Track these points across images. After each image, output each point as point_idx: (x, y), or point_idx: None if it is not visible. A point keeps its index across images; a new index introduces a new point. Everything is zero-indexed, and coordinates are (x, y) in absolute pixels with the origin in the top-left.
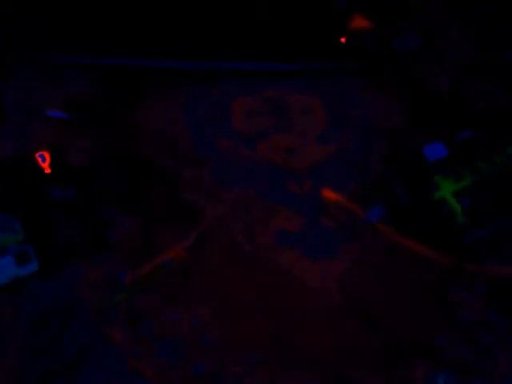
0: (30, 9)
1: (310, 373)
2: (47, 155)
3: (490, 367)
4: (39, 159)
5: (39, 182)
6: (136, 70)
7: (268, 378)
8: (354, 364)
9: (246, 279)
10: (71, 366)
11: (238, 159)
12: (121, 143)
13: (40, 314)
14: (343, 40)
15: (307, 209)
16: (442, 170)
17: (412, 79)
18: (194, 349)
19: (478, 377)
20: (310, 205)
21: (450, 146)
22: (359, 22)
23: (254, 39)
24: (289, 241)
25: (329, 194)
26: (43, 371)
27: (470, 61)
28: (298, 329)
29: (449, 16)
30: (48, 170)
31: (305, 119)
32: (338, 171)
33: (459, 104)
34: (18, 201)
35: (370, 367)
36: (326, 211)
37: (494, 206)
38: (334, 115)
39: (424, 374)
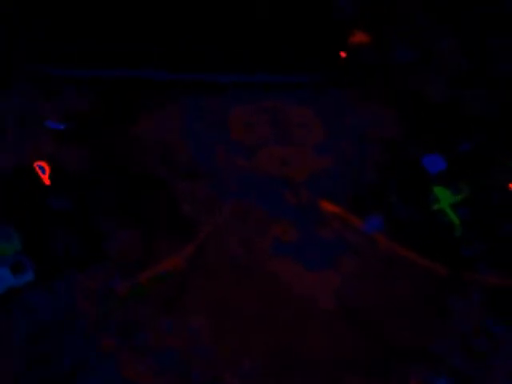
0: (28, 21)
1: (309, 381)
2: (46, 166)
3: (485, 374)
4: (38, 170)
5: (38, 193)
6: (134, 82)
7: None
8: (353, 372)
9: (243, 290)
10: (67, 377)
11: (236, 170)
12: (119, 155)
13: (35, 326)
14: (343, 54)
15: (304, 219)
16: (441, 181)
17: (408, 90)
18: (191, 358)
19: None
20: (307, 215)
21: (448, 157)
22: (360, 37)
23: (253, 50)
24: (286, 251)
25: (326, 205)
26: (41, 381)
27: (466, 71)
28: (296, 339)
29: (443, 28)
30: (47, 181)
31: (302, 130)
32: (336, 182)
33: (456, 115)
34: (16, 211)
35: (368, 375)
36: (323, 222)
37: (492, 218)
38: (332, 126)
39: (422, 381)
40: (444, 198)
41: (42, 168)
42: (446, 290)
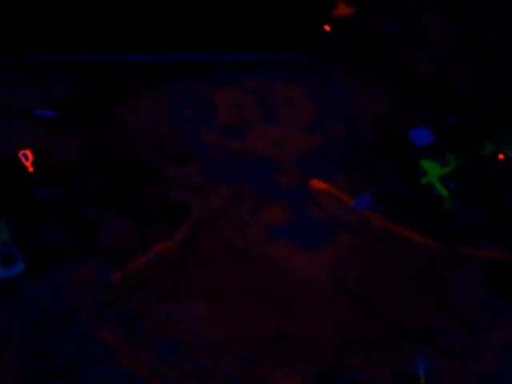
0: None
1: (309, 363)
2: (30, 154)
3: (485, 349)
4: (22, 158)
5: (23, 182)
6: (121, 66)
7: (267, 370)
8: (353, 351)
9: (238, 274)
10: (67, 369)
11: (226, 153)
12: (108, 142)
13: (33, 321)
14: (327, 28)
15: (296, 200)
16: (429, 155)
17: (397, 65)
18: (191, 346)
19: (473, 359)
20: (299, 196)
21: (436, 131)
22: (343, 9)
23: (236, 29)
24: (279, 233)
25: (317, 184)
26: (42, 376)
27: (454, 44)
28: (295, 321)
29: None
30: (31, 169)
31: (290, 110)
32: (326, 161)
33: (444, 88)
34: (2, 201)
35: (368, 354)
36: (315, 201)
37: (479, 190)
38: (320, 104)
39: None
40: (432, 170)
41: (25, 156)
42: (443, 265)
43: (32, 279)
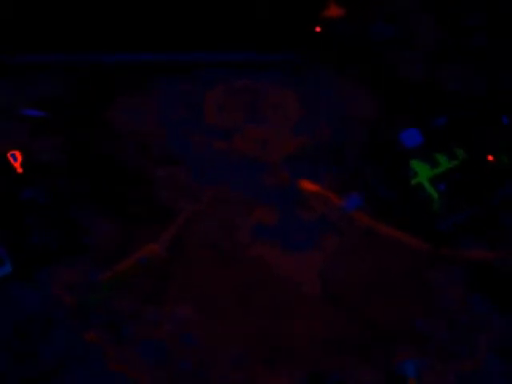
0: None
1: (296, 365)
2: (19, 154)
3: (470, 350)
4: (11, 159)
5: (10, 182)
6: (107, 66)
7: (254, 373)
8: (340, 352)
9: (225, 275)
10: (53, 371)
11: (213, 154)
12: (94, 143)
13: (20, 322)
14: (318, 29)
15: (284, 201)
16: (418, 156)
17: (386, 67)
18: (179, 348)
19: (457, 360)
20: (287, 197)
21: (425, 132)
22: (333, 11)
23: (224, 30)
24: (267, 235)
25: (306, 185)
26: (24, 378)
27: (443, 46)
28: (282, 323)
29: (421, 2)
30: (20, 170)
31: (278, 111)
32: (314, 162)
33: (433, 90)
34: None
35: (355, 355)
36: (303, 202)
37: (469, 191)
38: (308, 105)
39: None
40: (422, 172)
41: (14, 156)
42: (429, 267)
43: (17, 281)
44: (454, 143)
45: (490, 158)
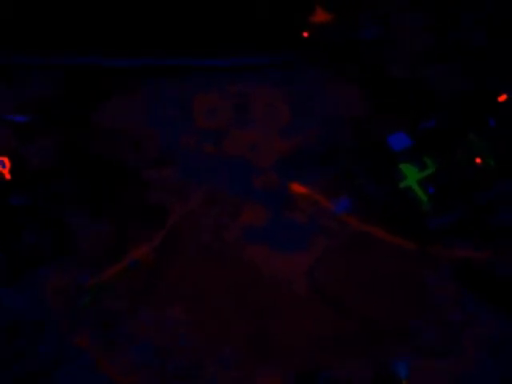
0: None
1: (288, 364)
2: (7, 161)
3: (458, 347)
4: None
5: (1, 190)
6: (97, 68)
7: (247, 372)
8: (331, 351)
9: (217, 277)
10: (44, 372)
11: (203, 156)
12: (83, 145)
13: (9, 324)
14: (306, 34)
15: (274, 203)
16: (407, 159)
17: (374, 68)
18: (170, 349)
19: (446, 359)
20: (276, 199)
21: (413, 135)
22: (321, 16)
23: (213, 34)
24: (257, 236)
25: (295, 188)
26: (14, 379)
27: (430, 46)
28: (273, 323)
29: (409, 3)
30: (8, 176)
31: (267, 113)
32: (303, 164)
33: (421, 91)
34: None
35: (346, 354)
36: (293, 205)
37: (458, 192)
38: (297, 108)
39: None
40: (410, 174)
41: (2, 162)
42: (419, 266)
43: (5, 284)
44: (441, 146)
45: (478, 160)
